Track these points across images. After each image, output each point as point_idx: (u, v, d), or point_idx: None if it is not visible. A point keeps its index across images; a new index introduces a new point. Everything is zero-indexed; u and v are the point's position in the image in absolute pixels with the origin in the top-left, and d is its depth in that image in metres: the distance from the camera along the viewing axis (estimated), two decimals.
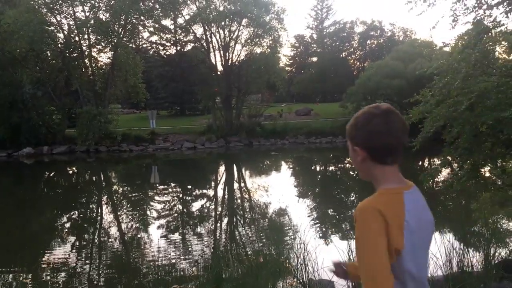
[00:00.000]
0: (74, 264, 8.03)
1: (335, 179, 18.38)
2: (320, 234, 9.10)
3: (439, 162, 8.08)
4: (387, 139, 1.53)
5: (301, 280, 4.20)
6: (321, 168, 22.52)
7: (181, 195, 15.67)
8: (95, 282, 7.08)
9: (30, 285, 6.88)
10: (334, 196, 14.43)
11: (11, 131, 27.24)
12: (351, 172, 20.12)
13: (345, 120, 31.93)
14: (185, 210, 12.99)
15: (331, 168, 22.18)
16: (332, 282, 4.33)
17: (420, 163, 20.87)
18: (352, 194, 14.66)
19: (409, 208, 1.50)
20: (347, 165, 22.73)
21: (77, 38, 30.97)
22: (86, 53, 31.36)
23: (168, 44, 46.98)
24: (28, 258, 8.32)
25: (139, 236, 10.08)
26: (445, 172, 10.62)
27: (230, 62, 33.32)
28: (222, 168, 24.28)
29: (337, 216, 11.30)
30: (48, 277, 7.25)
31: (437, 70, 7.32)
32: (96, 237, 10.31)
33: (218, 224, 10.85)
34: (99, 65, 33.96)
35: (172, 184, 18.44)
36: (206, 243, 9.10)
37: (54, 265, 7.85)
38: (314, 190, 15.87)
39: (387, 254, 1.42)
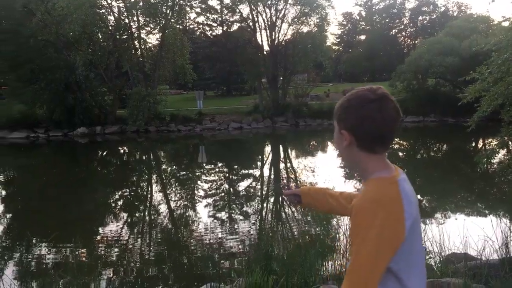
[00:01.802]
0: (126, 240, 8.33)
1: None
2: None
3: (496, 142, 7.73)
4: (380, 126, 1.40)
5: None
6: None
7: (227, 175, 15.86)
8: (146, 257, 7.33)
9: (85, 259, 7.20)
10: None
11: (67, 111, 28.35)
12: (399, 154, 19.66)
13: (395, 99, 31.07)
14: (231, 189, 13.15)
15: None
16: None
17: (474, 144, 20.09)
18: None
19: (405, 196, 1.36)
20: (395, 145, 22.22)
21: (126, 20, 31.59)
22: (136, 35, 32.01)
23: (215, 24, 46.95)
24: (84, 233, 8.71)
25: (187, 214, 10.32)
26: (500, 153, 10.17)
27: (276, 41, 33.01)
28: (268, 148, 24.33)
29: None
30: (102, 252, 7.57)
31: (495, 46, 6.96)
32: (146, 214, 10.64)
33: (265, 204, 10.92)
34: (147, 46, 34.59)
35: (219, 164, 18.69)
36: (252, 222, 9.20)
37: (108, 240, 8.18)
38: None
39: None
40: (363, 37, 70.96)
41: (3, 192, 14.14)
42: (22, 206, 11.98)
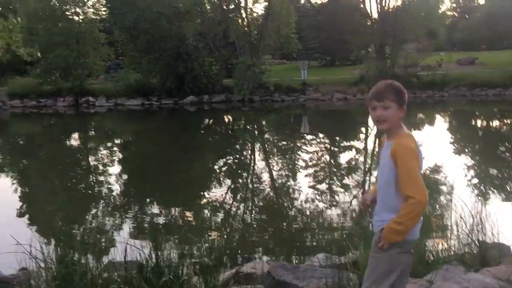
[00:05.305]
0: (229, 205, 8.70)
1: (500, 135, 16.52)
2: (480, 195, 8.34)
3: None
4: None
5: (475, 241, 3.95)
6: (484, 123, 20.43)
7: (329, 146, 15.72)
8: (247, 223, 7.61)
9: (192, 221, 7.66)
10: (498, 155, 13.03)
11: (178, 80, 29.92)
12: None
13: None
14: (332, 161, 13.02)
15: (496, 123, 19.98)
16: (509, 247, 3.99)
17: None
18: None
19: None
20: None
21: None
22: (243, 4, 32.45)
23: None
24: (190, 196, 9.24)
25: (288, 184, 10.46)
26: None
27: (386, 8, 31.39)
28: None
29: (500, 177, 10.23)
30: (207, 215, 7.98)
31: None
32: (248, 181, 10.97)
33: (367, 177, 10.67)
34: (254, 16, 34.94)
35: (321, 135, 18.55)
36: (354, 194, 9.06)
37: (212, 204, 8.59)
38: (474, 147, 14.55)
39: None
40: (482, 1, 64.74)
41: (121, 155, 15.47)
42: (137, 169, 13.00)
